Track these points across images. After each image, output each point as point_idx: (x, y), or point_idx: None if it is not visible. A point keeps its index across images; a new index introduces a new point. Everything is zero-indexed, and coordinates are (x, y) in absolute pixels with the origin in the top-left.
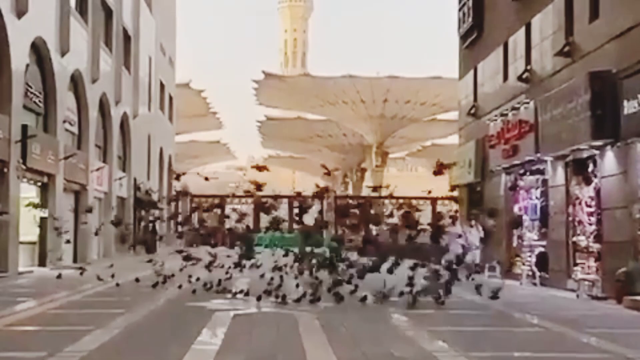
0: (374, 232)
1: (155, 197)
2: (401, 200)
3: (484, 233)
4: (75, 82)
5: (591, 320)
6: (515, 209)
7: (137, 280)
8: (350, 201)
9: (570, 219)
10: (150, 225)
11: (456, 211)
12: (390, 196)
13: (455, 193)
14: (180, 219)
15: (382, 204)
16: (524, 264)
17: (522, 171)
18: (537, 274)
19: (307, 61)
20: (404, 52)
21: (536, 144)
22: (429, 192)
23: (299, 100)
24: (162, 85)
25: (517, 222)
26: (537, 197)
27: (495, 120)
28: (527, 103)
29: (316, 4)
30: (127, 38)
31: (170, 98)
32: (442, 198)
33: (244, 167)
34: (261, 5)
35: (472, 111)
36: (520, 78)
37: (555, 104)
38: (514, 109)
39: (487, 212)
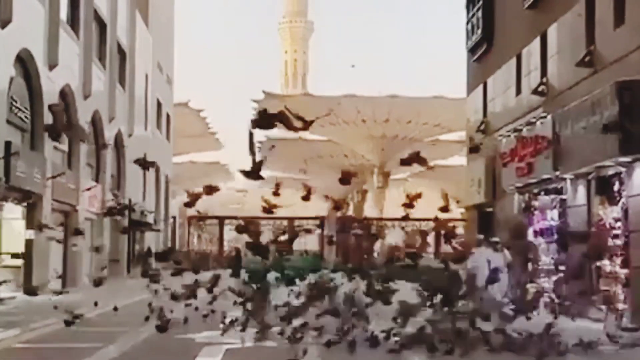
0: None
1: (151, 218)
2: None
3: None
4: (66, 98)
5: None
6: (530, 231)
7: (115, 309)
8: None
9: None
10: (146, 248)
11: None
12: (392, 218)
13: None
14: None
15: (385, 226)
16: (539, 292)
17: (536, 190)
18: (556, 301)
19: (308, 82)
20: (406, 72)
21: (554, 161)
22: (435, 217)
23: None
24: (159, 104)
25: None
26: (554, 219)
27: (508, 136)
28: (544, 117)
29: (316, 25)
30: (121, 54)
31: (168, 117)
32: (447, 220)
33: (244, 189)
34: (262, 25)
35: (482, 128)
36: (535, 91)
37: (576, 117)
38: (529, 124)
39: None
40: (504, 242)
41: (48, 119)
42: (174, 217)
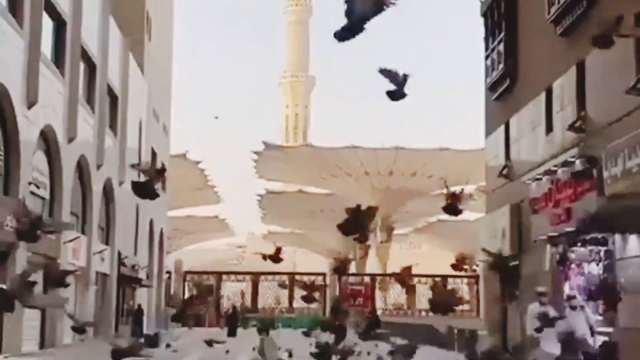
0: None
1: (143, 273)
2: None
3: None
4: (47, 139)
5: None
6: (566, 287)
7: None
8: (352, 279)
9: None
10: (137, 305)
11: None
12: (397, 274)
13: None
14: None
15: (389, 282)
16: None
17: (571, 241)
18: None
19: (309, 137)
20: (410, 125)
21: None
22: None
23: (301, 173)
24: (154, 153)
25: None
26: (595, 273)
27: (539, 179)
28: (585, 156)
29: (318, 80)
30: (113, 97)
31: (164, 167)
32: (455, 277)
33: (244, 244)
34: (262, 79)
35: (504, 172)
36: (572, 127)
37: (629, 153)
38: (565, 164)
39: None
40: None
41: (26, 162)
42: (169, 273)
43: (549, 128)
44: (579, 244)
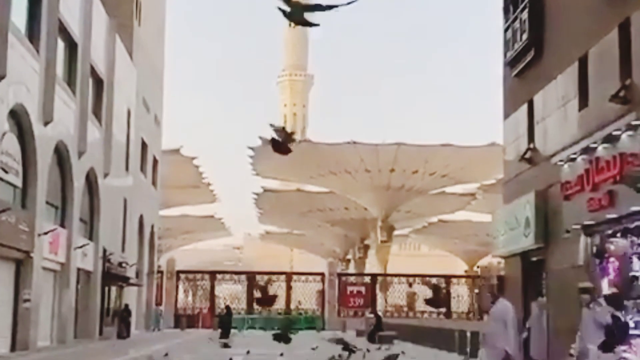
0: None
1: (132, 271)
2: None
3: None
4: (19, 121)
5: None
6: (604, 284)
7: None
8: (352, 279)
9: None
10: (123, 305)
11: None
12: (400, 274)
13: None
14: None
15: (389, 283)
16: None
17: (610, 231)
18: None
19: (308, 136)
20: (411, 121)
21: None
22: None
23: (298, 170)
24: (144, 145)
25: None
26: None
27: (574, 159)
28: (634, 128)
29: (316, 78)
30: (97, 82)
31: (155, 161)
32: (459, 276)
33: (241, 245)
34: (260, 78)
35: (527, 156)
36: (615, 98)
37: None
38: (607, 140)
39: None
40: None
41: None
42: (161, 272)
43: (584, 102)
44: (618, 234)
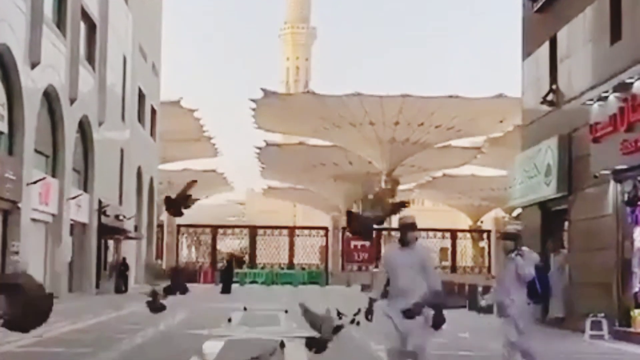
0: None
1: (130, 224)
2: None
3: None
4: (3, 61)
5: None
6: (637, 233)
7: None
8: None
9: None
10: (121, 259)
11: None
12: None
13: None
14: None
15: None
16: None
17: None
18: None
19: (310, 89)
20: (417, 73)
21: None
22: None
23: (301, 123)
24: (141, 94)
25: None
26: None
27: (606, 98)
28: None
29: (319, 31)
30: (90, 25)
31: (153, 111)
32: (467, 231)
33: (244, 201)
34: (262, 30)
35: (550, 98)
36: None
37: None
38: None
39: None
40: None
41: None
42: (161, 226)
43: (616, 36)
44: None
